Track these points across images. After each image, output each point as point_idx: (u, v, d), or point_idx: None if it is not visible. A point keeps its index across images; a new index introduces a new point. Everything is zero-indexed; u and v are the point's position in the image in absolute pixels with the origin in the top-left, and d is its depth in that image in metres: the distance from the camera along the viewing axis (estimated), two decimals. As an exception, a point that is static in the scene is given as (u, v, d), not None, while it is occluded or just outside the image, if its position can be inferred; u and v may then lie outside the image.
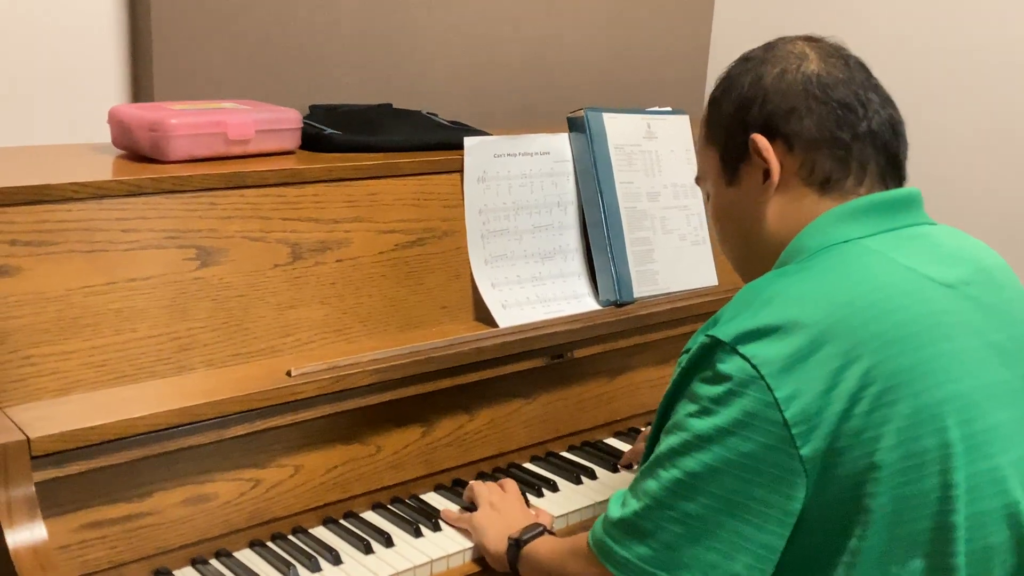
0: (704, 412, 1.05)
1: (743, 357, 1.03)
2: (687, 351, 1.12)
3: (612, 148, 1.78)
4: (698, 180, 1.30)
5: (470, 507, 1.50)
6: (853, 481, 1.02)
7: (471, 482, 1.54)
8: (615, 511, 1.13)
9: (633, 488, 1.13)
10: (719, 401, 1.04)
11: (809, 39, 1.21)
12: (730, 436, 1.03)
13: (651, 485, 1.09)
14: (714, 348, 1.06)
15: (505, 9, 2.21)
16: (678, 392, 1.12)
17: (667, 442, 1.09)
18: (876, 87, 1.19)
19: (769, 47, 1.21)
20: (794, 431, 1.01)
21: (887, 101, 1.19)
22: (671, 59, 2.56)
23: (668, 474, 1.07)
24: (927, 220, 1.19)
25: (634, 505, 1.10)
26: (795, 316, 1.04)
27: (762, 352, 1.03)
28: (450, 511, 1.50)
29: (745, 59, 1.22)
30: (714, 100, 1.24)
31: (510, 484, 1.53)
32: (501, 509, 1.45)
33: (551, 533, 1.39)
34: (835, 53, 1.19)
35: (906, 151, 1.20)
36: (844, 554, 1.04)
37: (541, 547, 1.33)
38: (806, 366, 1.02)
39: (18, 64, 1.73)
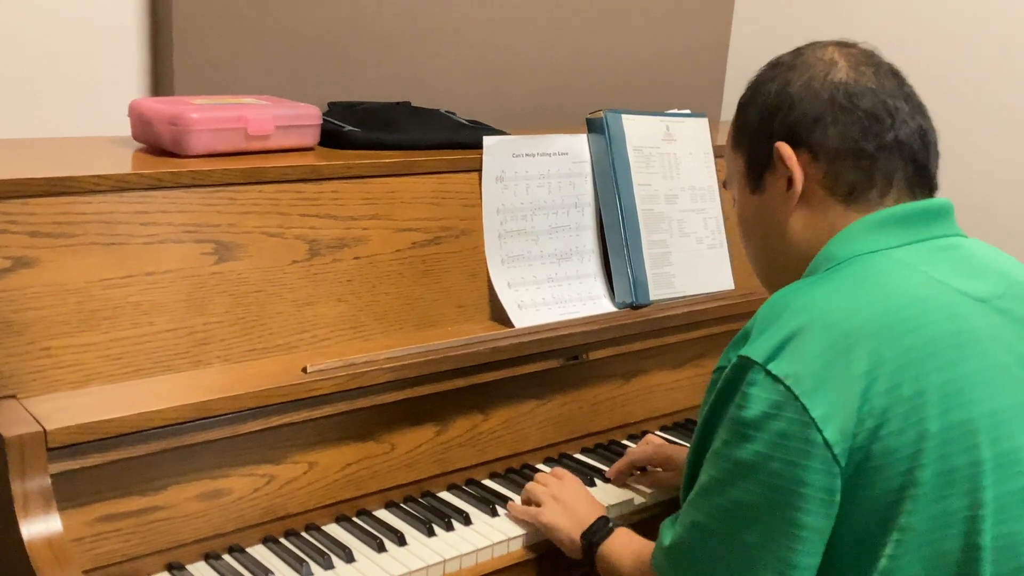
0: (743, 438, 1.04)
1: (775, 378, 1.02)
2: (720, 369, 1.10)
3: (631, 150, 1.77)
4: (725, 184, 1.29)
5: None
6: (888, 500, 1.01)
7: (527, 485, 1.52)
8: (667, 540, 1.14)
9: (683, 518, 1.13)
10: (755, 426, 1.03)
11: (840, 45, 1.19)
12: (771, 461, 1.02)
13: (700, 516, 1.09)
14: (746, 369, 1.05)
15: (525, 9, 2.20)
16: (715, 416, 1.10)
17: (710, 472, 1.09)
18: (908, 95, 1.16)
19: (798, 53, 1.20)
20: (836, 450, 1.00)
21: (918, 110, 1.16)
22: (690, 61, 2.56)
23: (715, 504, 1.07)
24: (958, 232, 1.17)
25: (685, 536, 1.11)
26: (825, 330, 1.02)
27: (794, 370, 1.01)
28: (515, 504, 1.50)
29: (773, 65, 1.21)
30: (742, 106, 1.23)
31: (565, 472, 1.54)
32: (565, 501, 1.45)
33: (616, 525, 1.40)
34: (865, 60, 1.16)
35: (936, 162, 1.18)
36: (874, 574, 1.02)
37: (613, 549, 1.34)
38: (838, 382, 1.00)
39: (39, 57, 1.74)
